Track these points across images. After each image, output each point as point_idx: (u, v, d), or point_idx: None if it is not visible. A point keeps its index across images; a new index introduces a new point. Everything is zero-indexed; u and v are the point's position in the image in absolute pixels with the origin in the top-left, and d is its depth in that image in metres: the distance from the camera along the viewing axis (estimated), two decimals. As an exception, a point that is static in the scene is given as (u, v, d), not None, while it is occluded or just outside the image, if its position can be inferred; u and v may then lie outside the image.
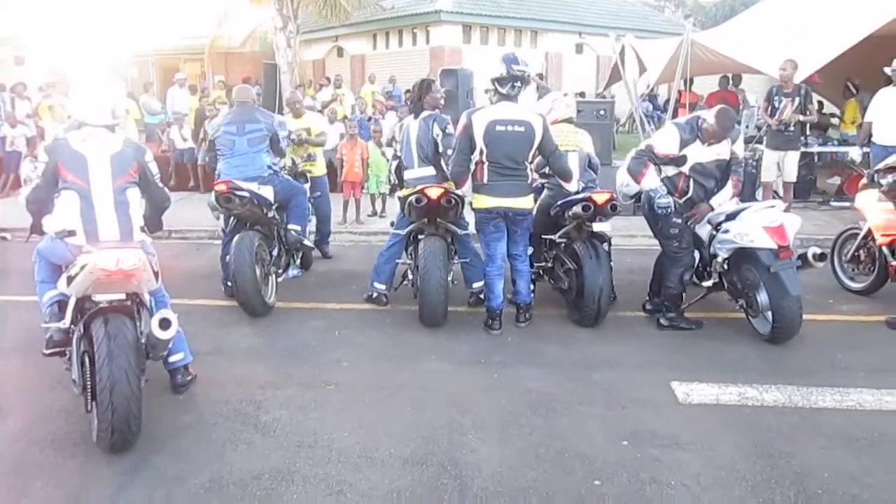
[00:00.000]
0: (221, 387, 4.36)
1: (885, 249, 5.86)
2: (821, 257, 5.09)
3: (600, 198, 5.26)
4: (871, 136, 8.29)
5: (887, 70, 7.96)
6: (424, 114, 5.69)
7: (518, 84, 5.17)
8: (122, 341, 3.42)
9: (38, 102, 12.33)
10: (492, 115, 5.11)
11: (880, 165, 6.00)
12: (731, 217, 5.24)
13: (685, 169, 5.24)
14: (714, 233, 5.39)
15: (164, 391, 4.20)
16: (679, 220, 5.28)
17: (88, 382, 3.47)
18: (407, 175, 5.67)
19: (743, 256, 5.16)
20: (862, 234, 6.15)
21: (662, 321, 5.42)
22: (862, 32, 8.74)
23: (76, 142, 3.82)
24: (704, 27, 14.99)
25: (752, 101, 12.25)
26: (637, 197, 6.01)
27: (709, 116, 5.13)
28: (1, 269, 7.37)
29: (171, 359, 4.15)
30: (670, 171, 5.31)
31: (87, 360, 3.51)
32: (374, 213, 9.78)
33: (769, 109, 8.78)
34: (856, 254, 6.28)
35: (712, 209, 5.34)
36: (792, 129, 8.72)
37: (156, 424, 3.77)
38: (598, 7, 24.90)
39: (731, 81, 12.63)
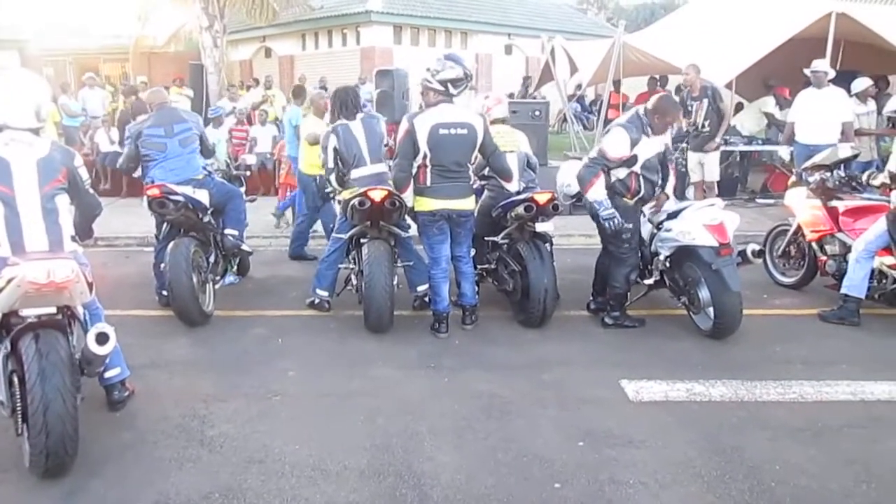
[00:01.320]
0: (161, 402, 4.16)
1: (814, 245, 6.07)
2: (759, 254, 5.23)
3: (542, 198, 5.26)
4: (794, 135, 8.60)
5: (806, 71, 8.27)
6: (360, 115, 5.63)
7: (458, 85, 5.13)
8: (54, 358, 3.19)
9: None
10: (434, 119, 5.05)
11: (808, 164, 6.22)
12: (672, 216, 5.34)
13: (637, 168, 5.22)
14: (655, 231, 5.48)
15: (100, 409, 3.98)
16: (630, 225, 5.29)
17: (19, 404, 3.22)
18: (356, 174, 5.51)
19: (684, 254, 5.25)
20: (792, 230, 6.36)
21: (607, 320, 5.47)
22: (784, 35, 9.06)
23: None
24: (627, 29, 15.21)
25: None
26: (578, 197, 6.05)
27: (656, 106, 5.15)
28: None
29: (107, 374, 3.92)
30: (621, 173, 5.22)
31: (15, 379, 3.25)
32: None
33: (684, 114, 9.00)
34: (786, 249, 6.49)
35: (668, 198, 5.43)
36: (707, 129, 8.90)
37: (92, 445, 3.55)
38: (526, 9, 25.21)
39: (658, 82, 12.93)
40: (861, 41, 9.66)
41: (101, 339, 3.26)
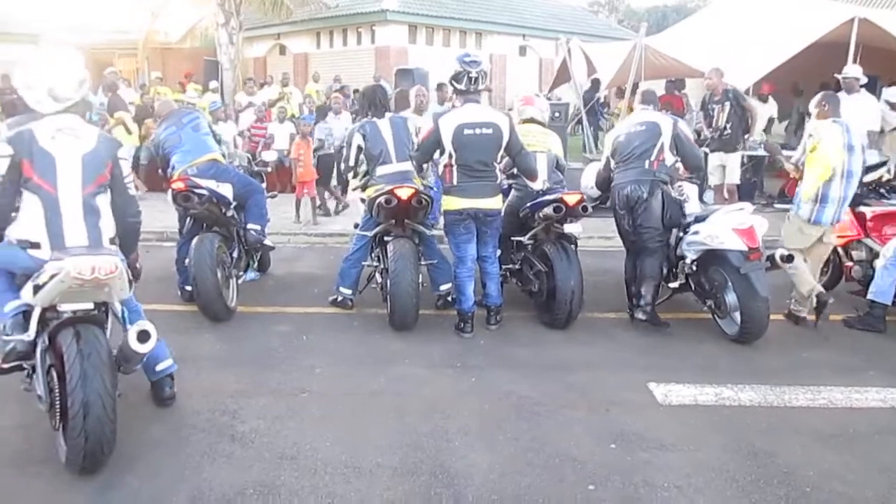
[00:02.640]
0: (190, 397, 4.15)
1: (840, 250, 6.03)
2: (788, 259, 5.20)
3: (571, 199, 5.25)
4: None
5: (839, 76, 8.22)
6: (389, 114, 5.69)
7: (473, 80, 5.10)
8: (96, 361, 3.14)
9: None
10: (459, 119, 5.05)
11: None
12: (699, 219, 5.31)
13: None
14: (682, 235, 5.45)
15: (131, 402, 3.96)
16: None
17: (57, 400, 3.19)
18: (381, 171, 5.54)
19: (711, 258, 5.22)
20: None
21: (640, 315, 5.38)
22: (807, 39, 9.02)
23: (44, 137, 3.39)
24: (637, 32, 15.18)
25: (693, 106, 12.55)
26: (602, 199, 6.05)
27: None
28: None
29: (158, 367, 3.92)
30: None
31: (54, 374, 3.23)
32: (338, 212, 9.61)
33: (706, 117, 8.99)
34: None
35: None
36: (728, 132, 8.86)
37: (125, 439, 3.51)
38: (541, 10, 25.19)
39: (675, 86, 12.87)
40: (881, 46, 9.60)
41: (143, 336, 3.23)
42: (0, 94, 12.27)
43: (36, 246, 3.38)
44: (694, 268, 5.37)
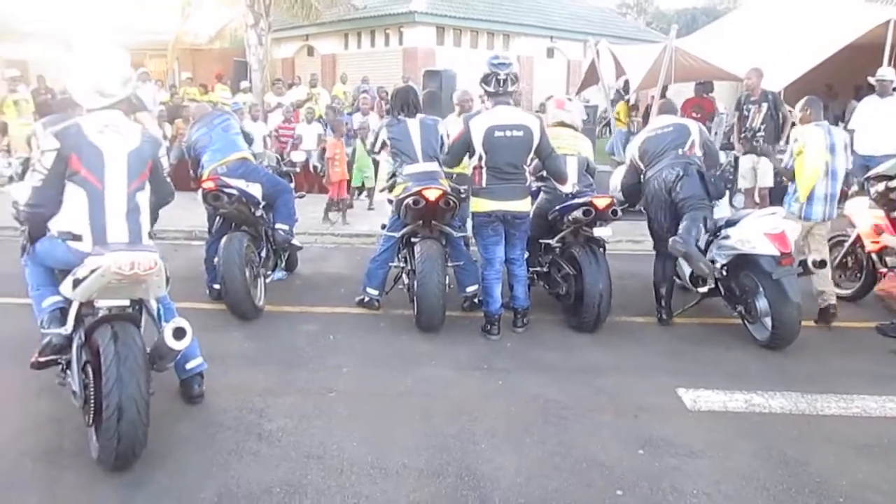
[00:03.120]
0: (218, 394, 4.18)
1: (874, 256, 5.92)
2: (821, 264, 5.12)
3: (601, 202, 5.21)
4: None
5: (871, 80, 8.08)
6: (420, 116, 5.72)
7: (503, 81, 5.11)
8: (132, 364, 3.16)
9: (3, 97, 11.89)
10: (490, 121, 5.04)
11: (871, 173, 6.06)
12: (730, 224, 5.25)
13: None
14: (712, 239, 5.39)
15: (160, 399, 3.98)
16: None
17: (91, 397, 3.22)
18: (408, 170, 5.55)
19: (741, 263, 5.16)
20: (850, 240, 6.21)
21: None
22: (841, 42, 8.88)
23: (92, 131, 3.43)
24: (666, 34, 15.00)
25: (721, 109, 12.41)
26: (630, 202, 6.01)
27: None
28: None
29: (188, 365, 3.97)
30: None
31: (89, 370, 3.26)
32: (350, 206, 9.71)
33: (740, 117, 8.88)
34: (843, 260, 6.34)
35: None
36: (762, 134, 8.76)
37: (155, 435, 3.52)
38: (568, 12, 25.06)
39: (705, 88, 12.73)
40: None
41: (179, 333, 3.26)
42: (35, 93, 12.53)
43: (78, 238, 3.43)
44: (724, 272, 5.31)
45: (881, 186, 5.82)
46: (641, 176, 5.67)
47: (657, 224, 5.59)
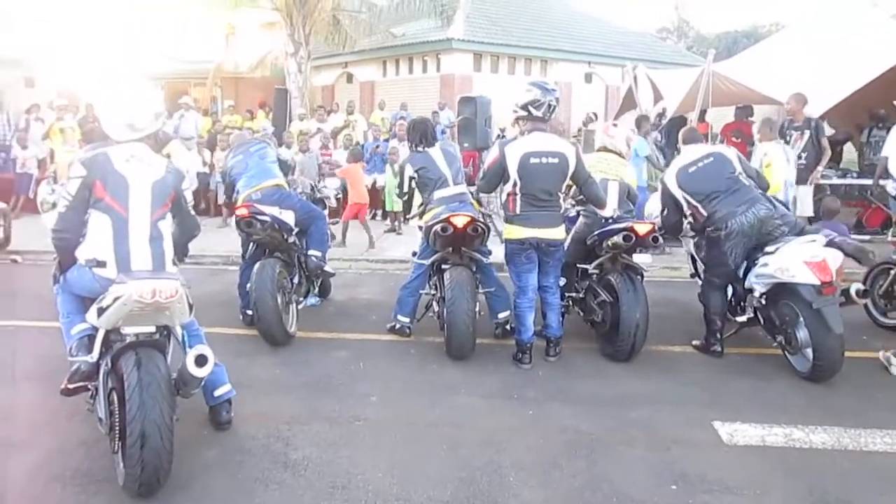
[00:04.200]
0: (246, 421, 4.18)
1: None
2: (864, 294, 4.96)
3: (642, 228, 5.14)
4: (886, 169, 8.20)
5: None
6: (439, 143, 5.84)
7: (540, 110, 5.08)
8: (155, 391, 3.18)
9: (51, 124, 12.27)
10: (525, 148, 5.01)
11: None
12: (768, 252, 5.10)
13: None
14: (750, 266, 5.25)
15: (187, 424, 4.00)
16: None
17: (117, 424, 3.24)
18: (439, 194, 5.58)
19: (781, 291, 5.01)
20: (896, 268, 6.02)
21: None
22: (882, 66, 8.68)
23: (119, 160, 3.54)
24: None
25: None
26: (670, 234, 5.93)
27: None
28: (12, 292, 7.23)
29: (217, 392, 3.99)
30: None
31: (115, 398, 3.29)
32: (393, 230, 9.88)
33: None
34: (889, 289, 6.13)
35: None
36: (803, 162, 8.58)
37: (180, 462, 3.54)
38: (606, 37, 25.00)
39: (745, 112, 12.53)
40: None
41: (201, 360, 3.28)
42: (83, 121, 12.89)
43: (102, 265, 3.49)
44: (763, 301, 5.16)
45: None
46: (688, 211, 5.51)
47: (728, 259, 5.26)
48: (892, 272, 6.06)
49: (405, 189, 5.83)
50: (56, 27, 18.97)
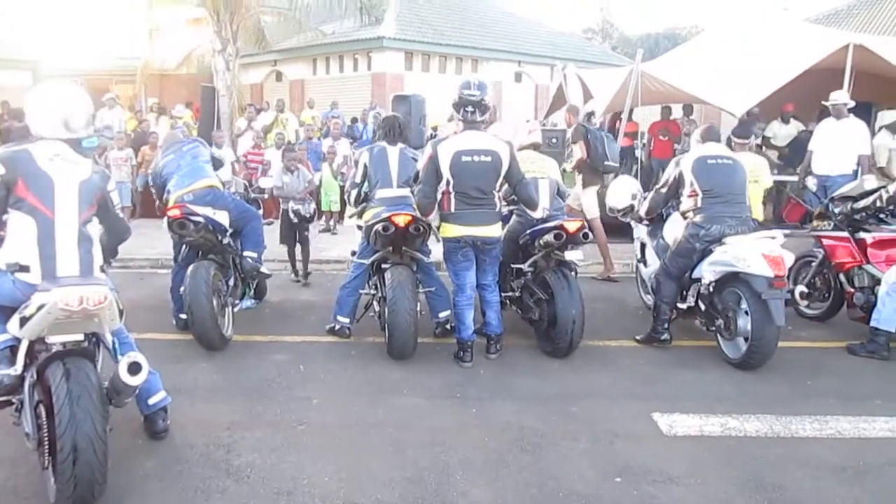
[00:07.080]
0: (183, 429, 4.05)
1: (841, 277, 5.98)
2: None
3: (572, 226, 5.20)
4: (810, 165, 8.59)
5: (826, 103, 8.26)
6: (401, 145, 5.74)
7: (471, 109, 5.02)
8: (86, 402, 3.01)
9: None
10: (457, 146, 5.00)
11: (836, 194, 6.15)
12: (726, 242, 5.22)
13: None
14: (703, 258, 5.38)
15: (122, 434, 3.85)
16: None
17: (46, 438, 3.07)
18: (381, 194, 5.53)
19: (730, 280, 5.17)
20: (817, 261, 6.27)
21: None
22: (802, 66, 9.04)
23: (42, 159, 3.34)
24: (631, 59, 15.07)
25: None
26: (624, 212, 6.08)
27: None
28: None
29: (151, 400, 3.81)
30: None
31: (42, 410, 3.11)
32: (328, 230, 9.81)
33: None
34: (811, 281, 6.39)
35: None
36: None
37: (116, 473, 3.41)
38: (536, 37, 25.32)
39: (671, 112, 12.89)
40: (877, 73, 9.63)
41: (134, 368, 3.14)
42: (-1, 120, 12.29)
43: (25, 269, 3.28)
44: (710, 289, 5.31)
45: (846, 207, 5.90)
46: (688, 192, 5.52)
47: (694, 255, 5.42)
48: (814, 265, 6.31)
49: (357, 179, 5.71)
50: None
